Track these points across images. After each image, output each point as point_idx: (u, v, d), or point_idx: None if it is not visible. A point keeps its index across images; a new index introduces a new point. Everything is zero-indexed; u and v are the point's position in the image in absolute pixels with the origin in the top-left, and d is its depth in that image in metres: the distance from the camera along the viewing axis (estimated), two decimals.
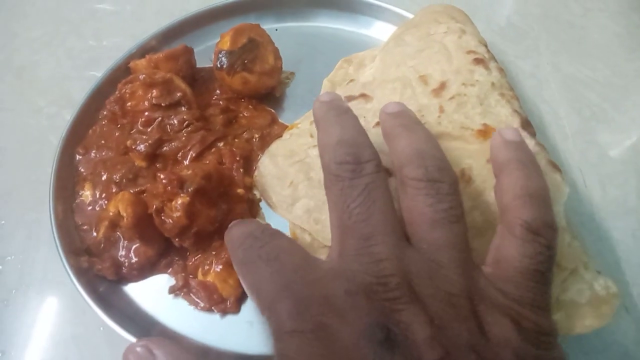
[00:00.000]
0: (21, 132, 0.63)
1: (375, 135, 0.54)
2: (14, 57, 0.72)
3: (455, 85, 0.51)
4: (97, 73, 0.61)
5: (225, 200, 0.50)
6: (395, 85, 0.55)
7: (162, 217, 0.46)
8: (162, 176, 0.50)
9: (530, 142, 0.46)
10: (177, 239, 0.47)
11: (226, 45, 0.57)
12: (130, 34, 0.69)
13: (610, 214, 0.56)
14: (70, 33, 0.75)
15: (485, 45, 0.57)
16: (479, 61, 0.53)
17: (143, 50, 0.63)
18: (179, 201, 0.46)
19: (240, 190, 0.52)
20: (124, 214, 0.46)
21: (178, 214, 0.45)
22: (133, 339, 0.43)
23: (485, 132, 0.46)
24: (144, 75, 0.54)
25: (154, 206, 0.46)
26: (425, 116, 0.50)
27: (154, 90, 0.54)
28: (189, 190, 0.46)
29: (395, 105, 0.38)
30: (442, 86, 0.52)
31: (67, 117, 0.58)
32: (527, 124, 0.48)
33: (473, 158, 0.45)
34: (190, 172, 0.49)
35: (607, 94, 0.67)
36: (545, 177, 0.36)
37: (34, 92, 0.68)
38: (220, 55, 0.56)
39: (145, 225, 0.47)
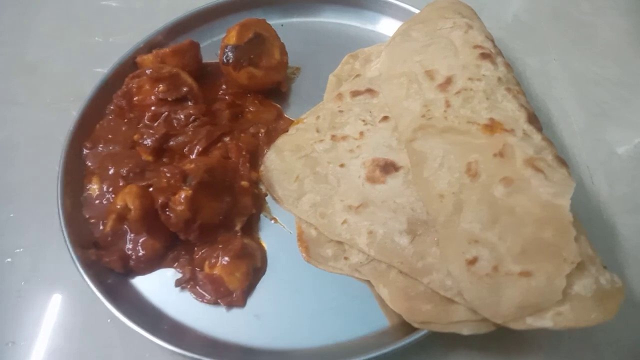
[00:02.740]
0: (33, 126, 0.64)
1: (381, 129, 0.54)
2: (26, 52, 0.73)
3: (462, 80, 0.51)
4: (107, 69, 0.62)
5: (229, 193, 0.50)
6: (401, 80, 0.55)
7: (167, 212, 0.46)
8: (165, 170, 0.50)
9: (537, 137, 0.46)
10: (182, 234, 0.47)
11: (232, 40, 0.57)
12: (140, 30, 0.69)
13: (618, 211, 0.55)
14: (81, 30, 0.76)
15: (492, 41, 0.57)
16: (485, 56, 0.53)
17: (150, 46, 0.64)
18: (182, 194, 0.46)
19: (244, 183, 0.52)
20: (132, 207, 0.46)
21: (181, 207, 0.46)
22: (140, 331, 0.43)
23: (491, 127, 0.46)
24: (150, 70, 0.55)
25: (159, 201, 0.46)
26: (432, 111, 0.50)
27: (161, 85, 0.54)
28: (192, 183, 0.47)
29: None
30: (448, 81, 0.52)
31: (76, 112, 0.58)
32: (533, 119, 0.48)
33: (480, 152, 0.45)
34: (193, 165, 0.49)
35: (616, 91, 0.66)
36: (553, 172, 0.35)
37: (46, 86, 0.68)
38: (227, 50, 0.56)
39: (152, 217, 0.47)
